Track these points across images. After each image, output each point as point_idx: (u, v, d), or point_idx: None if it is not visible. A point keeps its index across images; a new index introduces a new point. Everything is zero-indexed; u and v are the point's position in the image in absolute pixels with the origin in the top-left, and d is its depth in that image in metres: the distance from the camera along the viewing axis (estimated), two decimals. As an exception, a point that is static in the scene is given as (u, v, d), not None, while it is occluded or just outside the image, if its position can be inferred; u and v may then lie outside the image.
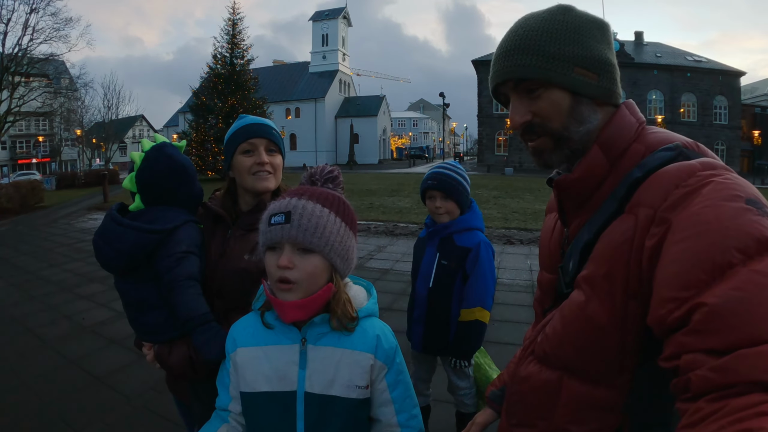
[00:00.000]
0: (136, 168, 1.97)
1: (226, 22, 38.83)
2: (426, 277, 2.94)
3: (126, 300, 2.01)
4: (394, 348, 1.47)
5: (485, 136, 56.36)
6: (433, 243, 2.94)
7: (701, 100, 51.48)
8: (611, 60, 1.13)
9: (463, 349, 2.88)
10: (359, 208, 17.28)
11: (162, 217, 1.93)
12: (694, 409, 0.71)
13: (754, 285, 0.71)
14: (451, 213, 2.87)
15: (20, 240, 13.49)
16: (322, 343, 1.40)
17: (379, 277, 8.19)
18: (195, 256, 1.91)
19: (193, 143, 35.35)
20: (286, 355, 1.40)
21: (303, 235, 1.29)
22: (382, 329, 1.48)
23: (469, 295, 2.85)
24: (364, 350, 1.42)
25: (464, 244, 2.87)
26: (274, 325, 1.42)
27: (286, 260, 1.28)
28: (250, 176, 1.95)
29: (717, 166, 0.93)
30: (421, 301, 2.97)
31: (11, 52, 27.43)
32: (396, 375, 1.47)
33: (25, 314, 6.69)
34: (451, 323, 2.91)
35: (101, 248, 1.91)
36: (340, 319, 1.39)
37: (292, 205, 1.32)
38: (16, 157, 60.99)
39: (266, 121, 2.04)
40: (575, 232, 1.17)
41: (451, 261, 2.87)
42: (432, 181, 2.84)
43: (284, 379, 1.39)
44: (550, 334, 1.15)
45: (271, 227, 1.30)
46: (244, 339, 1.46)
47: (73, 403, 4.13)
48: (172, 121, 78.96)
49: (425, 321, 2.97)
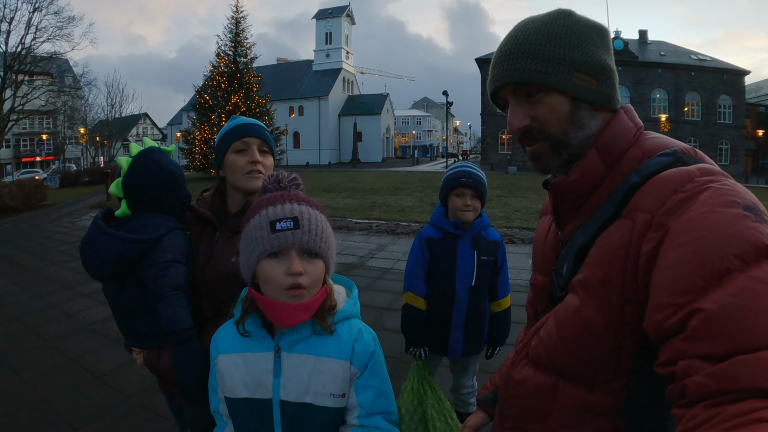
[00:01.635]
0: (123, 173, 1.95)
1: (230, 21, 38.97)
2: (466, 277, 2.90)
3: (113, 307, 2.02)
4: (369, 352, 1.45)
5: (489, 135, 56.27)
6: (466, 242, 2.91)
7: (705, 99, 51.31)
8: (611, 65, 1.12)
9: (503, 335, 3.05)
10: (361, 206, 17.30)
11: (148, 224, 1.92)
12: (690, 415, 0.71)
13: (752, 291, 0.71)
14: (476, 212, 2.88)
15: (23, 238, 13.56)
16: (296, 351, 1.39)
17: (380, 276, 8.19)
18: (181, 264, 1.90)
19: (196, 141, 35.47)
20: (261, 363, 1.40)
21: (313, 240, 1.30)
22: (360, 333, 1.46)
23: (503, 285, 3.04)
24: (339, 357, 1.41)
25: (494, 238, 3.01)
26: (250, 332, 1.41)
27: (300, 266, 1.28)
28: (243, 175, 1.94)
29: (715, 172, 0.92)
30: (462, 304, 2.91)
31: (14, 50, 27.53)
32: (366, 380, 1.45)
33: (26, 312, 6.71)
34: (486, 318, 3.00)
35: (87, 256, 1.91)
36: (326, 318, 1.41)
37: (298, 211, 1.31)
38: (20, 155, 61.16)
39: (259, 123, 2.03)
40: (570, 236, 1.16)
41: (489, 255, 2.94)
42: (465, 179, 2.82)
43: (260, 386, 1.40)
44: (545, 337, 1.14)
45: (278, 233, 1.28)
46: (225, 345, 1.46)
47: (73, 401, 4.14)
48: (176, 119, 79.16)
49: (465, 324, 2.93)
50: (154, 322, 1.87)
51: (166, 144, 2.51)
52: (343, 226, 13.24)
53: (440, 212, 2.98)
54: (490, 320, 3.02)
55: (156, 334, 1.90)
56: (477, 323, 2.94)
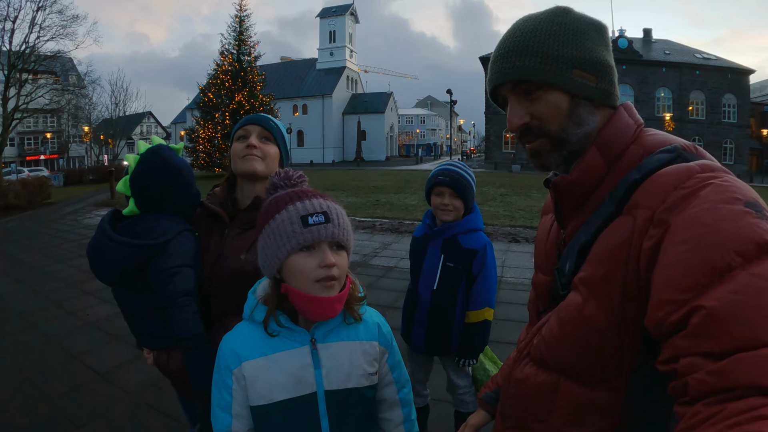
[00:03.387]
0: (131, 171, 1.93)
1: (233, 19, 38.96)
2: (429, 279, 2.88)
3: (123, 309, 2.00)
4: (390, 333, 1.59)
5: (493, 133, 56.11)
6: (436, 244, 2.88)
7: (710, 98, 51.08)
8: (609, 62, 1.13)
9: (472, 349, 2.87)
10: (365, 205, 17.29)
11: (155, 227, 1.90)
12: (692, 412, 0.72)
13: (753, 289, 0.71)
14: (457, 212, 2.81)
15: (27, 236, 13.58)
16: (331, 340, 1.43)
17: (383, 274, 8.18)
18: (189, 268, 1.87)
19: (200, 139, 35.52)
20: (298, 359, 1.40)
21: (342, 233, 1.35)
22: (379, 316, 1.59)
23: (478, 296, 2.84)
24: (370, 339, 1.51)
25: (470, 245, 2.83)
26: (278, 332, 1.40)
27: (333, 258, 1.31)
28: (239, 159, 1.94)
29: (716, 168, 0.93)
30: (424, 304, 2.91)
31: (18, 49, 27.54)
32: (394, 357, 1.60)
33: (30, 310, 6.72)
34: (455, 324, 2.89)
35: (94, 261, 1.90)
36: (354, 307, 1.48)
37: (326, 206, 1.35)
38: (25, 153, 61.29)
39: (267, 116, 2.04)
40: (572, 234, 1.16)
41: (457, 263, 2.83)
42: (443, 177, 2.77)
43: (301, 382, 1.39)
44: (547, 336, 1.14)
45: (310, 227, 1.30)
46: (248, 352, 1.41)
47: (75, 399, 4.14)
48: (180, 117, 79.17)
49: (427, 323, 2.92)
50: (163, 324, 1.85)
51: (170, 142, 2.49)
52: (346, 225, 13.20)
53: (429, 212, 3.00)
54: (463, 329, 2.89)
55: (165, 336, 1.89)
56: (441, 326, 2.90)
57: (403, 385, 1.64)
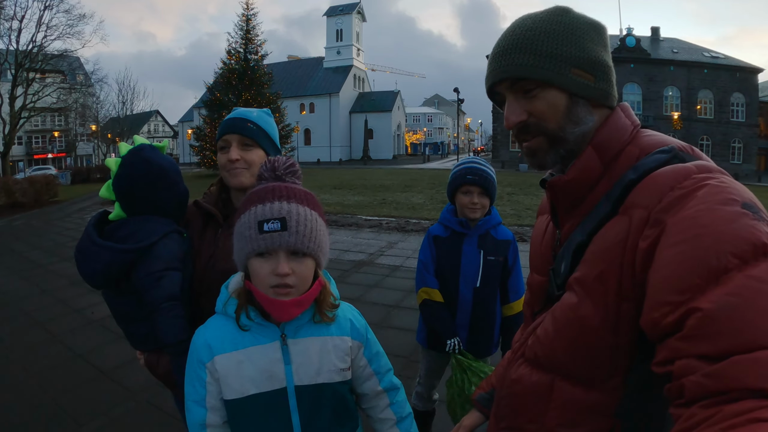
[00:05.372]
0: (113, 175, 1.89)
1: (240, 18, 39.14)
2: (470, 278, 2.81)
3: (112, 311, 1.98)
4: (365, 326, 1.59)
5: (500, 132, 56.00)
6: (472, 241, 2.82)
7: (718, 97, 50.81)
8: (608, 62, 1.12)
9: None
10: (372, 203, 17.33)
11: (140, 230, 1.85)
12: (687, 414, 0.72)
13: (750, 291, 0.71)
14: (484, 209, 2.79)
15: (34, 234, 13.70)
16: (301, 335, 1.43)
17: (389, 273, 8.20)
18: (176, 272, 1.84)
19: (207, 137, 35.63)
20: (268, 354, 1.40)
21: (301, 241, 1.29)
22: (351, 311, 1.59)
23: (515, 286, 2.86)
24: (341, 334, 1.50)
25: (504, 237, 2.87)
26: (249, 326, 1.40)
27: (287, 268, 1.28)
28: (225, 173, 1.92)
29: (712, 169, 0.92)
30: (466, 305, 2.82)
31: (26, 48, 27.76)
32: (371, 349, 1.59)
33: (35, 307, 6.78)
34: (496, 320, 2.88)
35: (80, 264, 1.87)
36: (325, 310, 1.45)
37: (286, 211, 1.29)
38: (32, 152, 61.69)
39: (246, 115, 1.97)
40: (567, 234, 1.15)
41: (497, 255, 2.82)
42: (472, 177, 2.73)
43: (272, 377, 1.39)
44: (542, 336, 1.14)
45: (264, 234, 1.27)
46: (220, 344, 1.41)
47: (78, 397, 4.17)
48: (187, 116, 79.34)
49: (470, 324, 2.84)
50: (151, 327, 1.81)
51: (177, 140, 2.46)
52: (353, 223, 13.31)
53: (449, 210, 2.92)
54: (502, 323, 2.89)
55: (153, 339, 1.86)
56: (484, 324, 2.84)
57: (385, 374, 1.63)
